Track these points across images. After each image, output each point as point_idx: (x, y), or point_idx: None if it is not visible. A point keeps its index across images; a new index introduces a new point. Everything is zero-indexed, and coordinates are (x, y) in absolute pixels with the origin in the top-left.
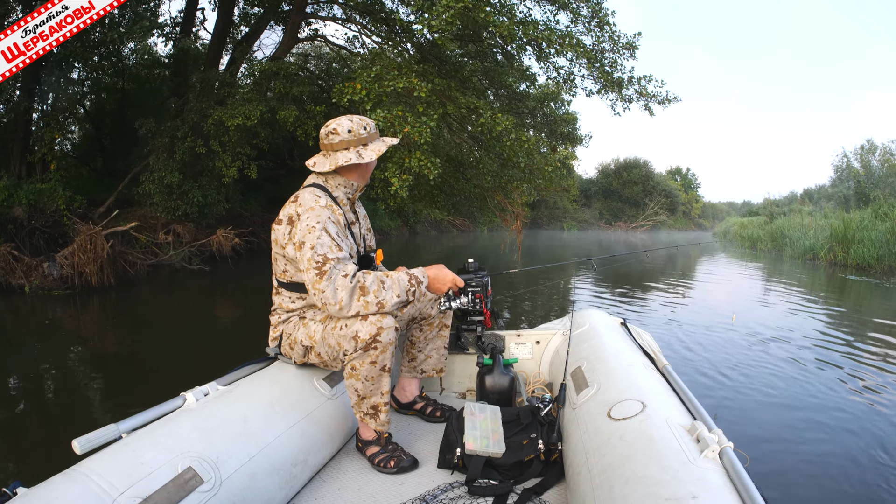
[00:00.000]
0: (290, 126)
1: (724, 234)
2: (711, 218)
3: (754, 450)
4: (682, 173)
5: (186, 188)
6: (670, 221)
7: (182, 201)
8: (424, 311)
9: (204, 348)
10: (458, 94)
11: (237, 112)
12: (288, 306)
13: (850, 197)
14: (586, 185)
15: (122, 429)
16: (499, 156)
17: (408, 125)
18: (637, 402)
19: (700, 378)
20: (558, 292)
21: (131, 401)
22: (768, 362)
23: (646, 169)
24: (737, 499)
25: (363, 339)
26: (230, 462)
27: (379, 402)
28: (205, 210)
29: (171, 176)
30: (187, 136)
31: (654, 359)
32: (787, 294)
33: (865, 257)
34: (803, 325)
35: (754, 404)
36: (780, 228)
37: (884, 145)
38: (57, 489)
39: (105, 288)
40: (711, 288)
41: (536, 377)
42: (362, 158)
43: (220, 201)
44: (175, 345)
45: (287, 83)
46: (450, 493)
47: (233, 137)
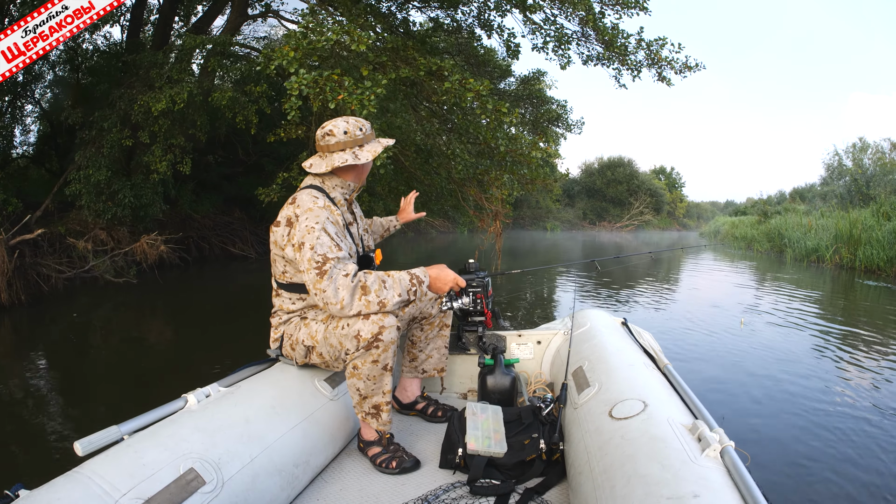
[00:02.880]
0: (227, 112)
1: (715, 234)
2: (696, 217)
3: (756, 449)
4: (667, 172)
5: (117, 187)
6: (655, 221)
7: (112, 202)
8: (425, 311)
9: (101, 393)
10: (415, 53)
11: (162, 95)
12: (288, 307)
13: (846, 195)
14: (569, 184)
15: (123, 430)
16: (473, 141)
17: (344, 91)
18: (638, 402)
19: (701, 378)
20: (557, 293)
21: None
22: (771, 363)
23: (630, 168)
24: (738, 498)
25: (365, 338)
26: (232, 463)
27: (381, 402)
28: (139, 212)
29: (98, 174)
30: (115, 127)
31: (656, 358)
32: (793, 296)
33: (875, 259)
34: (809, 328)
35: (756, 404)
36: (777, 228)
37: (876, 144)
38: (59, 491)
39: (16, 307)
40: (712, 288)
41: (538, 377)
42: (358, 159)
43: (157, 202)
44: (69, 386)
45: (221, 61)
46: (451, 494)
47: (163, 126)
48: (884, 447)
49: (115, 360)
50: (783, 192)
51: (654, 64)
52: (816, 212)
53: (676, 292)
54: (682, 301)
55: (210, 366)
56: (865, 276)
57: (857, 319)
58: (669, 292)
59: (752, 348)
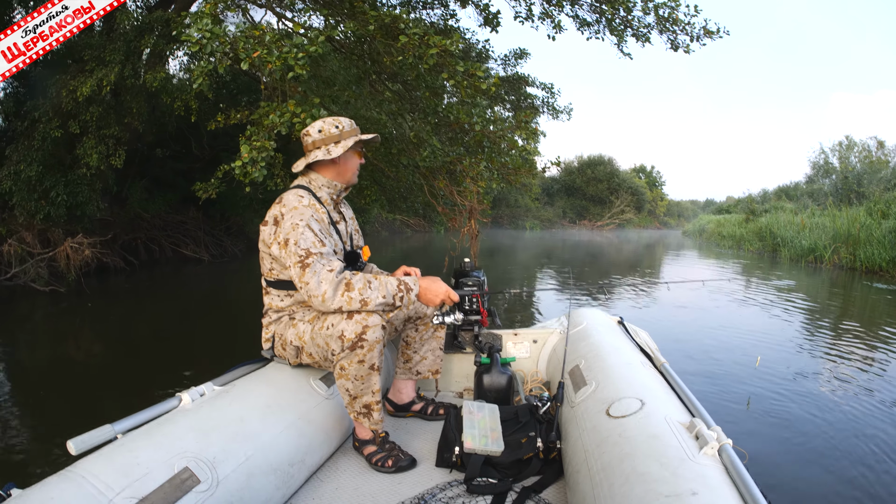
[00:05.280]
0: (165, 97)
1: (700, 233)
2: (677, 216)
3: (753, 446)
4: (647, 171)
5: (49, 184)
6: (636, 220)
7: (46, 201)
8: (420, 311)
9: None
10: (363, 4)
11: (89, 78)
12: (277, 305)
13: (834, 193)
14: (549, 182)
15: (117, 429)
16: (444, 122)
17: (262, 48)
18: (636, 400)
19: (699, 375)
20: (552, 292)
21: None
22: (770, 361)
23: (611, 166)
24: (736, 495)
25: (349, 339)
26: (227, 462)
27: (371, 402)
28: (75, 212)
29: (29, 169)
30: (46, 116)
31: (652, 356)
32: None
33: (877, 260)
34: (808, 325)
35: (754, 401)
36: (767, 227)
37: (862, 142)
38: (52, 490)
39: None
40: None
41: (534, 376)
42: (329, 154)
43: (94, 200)
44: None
45: (160, 41)
46: (448, 492)
47: (94, 114)
48: (882, 444)
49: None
50: (766, 191)
51: (665, 29)
52: (807, 210)
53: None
54: (678, 299)
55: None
56: (867, 278)
57: (858, 319)
58: (665, 291)
59: (751, 346)
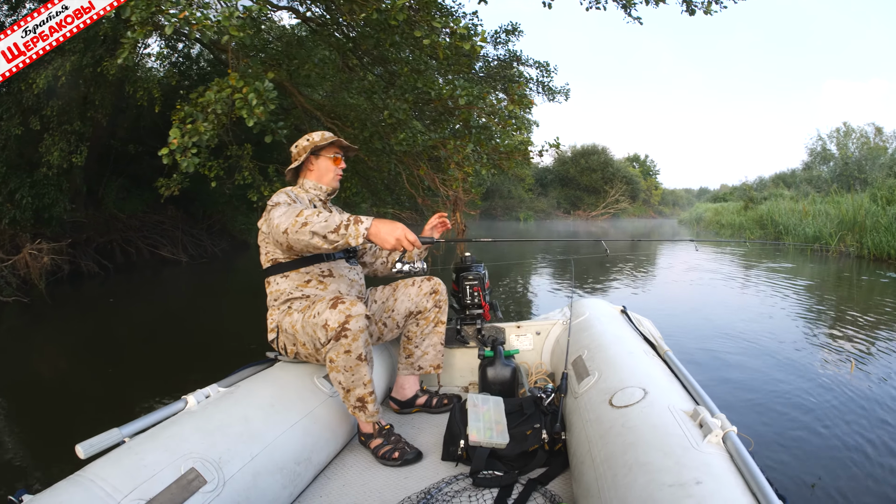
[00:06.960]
0: (127, 87)
1: (697, 222)
2: (672, 205)
3: (759, 434)
4: (641, 160)
5: (14, 186)
6: (631, 209)
7: (11, 204)
8: (420, 305)
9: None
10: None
11: (45, 69)
12: (276, 290)
13: (833, 180)
14: (542, 173)
15: (124, 433)
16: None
17: (186, 8)
18: (639, 389)
19: (703, 363)
20: (553, 283)
21: None
22: (775, 348)
23: (605, 156)
24: (741, 483)
25: (332, 328)
26: (233, 462)
27: (364, 394)
28: (42, 214)
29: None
30: (7, 113)
31: (656, 345)
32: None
33: (885, 247)
34: (813, 313)
35: (759, 388)
36: (769, 215)
37: (860, 129)
38: (62, 495)
39: None
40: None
41: (538, 367)
42: (298, 158)
43: (61, 201)
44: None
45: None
46: (454, 486)
47: (54, 108)
48: (893, 432)
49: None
50: (762, 178)
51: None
52: (808, 197)
53: (676, 279)
54: (683, 287)
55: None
56: (875, 266)
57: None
58: (669, 278)
59: (756, 334)
